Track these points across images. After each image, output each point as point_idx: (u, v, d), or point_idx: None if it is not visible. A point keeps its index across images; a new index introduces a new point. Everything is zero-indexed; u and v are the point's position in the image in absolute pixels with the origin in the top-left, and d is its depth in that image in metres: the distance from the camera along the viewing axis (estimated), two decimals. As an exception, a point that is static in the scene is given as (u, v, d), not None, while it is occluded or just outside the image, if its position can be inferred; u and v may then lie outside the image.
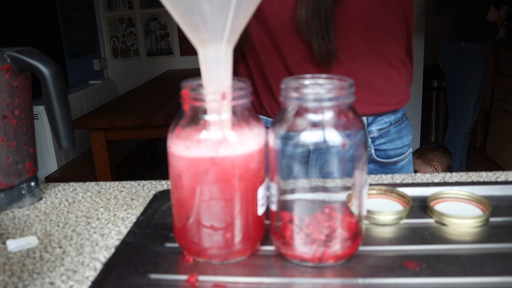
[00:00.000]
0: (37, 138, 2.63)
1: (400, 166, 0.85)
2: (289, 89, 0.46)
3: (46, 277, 0.49)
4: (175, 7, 0.45)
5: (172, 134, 0.49)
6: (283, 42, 0.76)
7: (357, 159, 0.46)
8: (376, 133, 0.81)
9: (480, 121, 3.25)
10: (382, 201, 0.61)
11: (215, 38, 0.46)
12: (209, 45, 0.46)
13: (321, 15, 0.71)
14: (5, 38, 2.48)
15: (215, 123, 0.47)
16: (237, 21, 0.45)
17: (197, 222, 0.49)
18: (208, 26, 0.45)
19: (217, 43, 0.46)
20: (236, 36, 0.47)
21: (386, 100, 0.80)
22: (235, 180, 0.47)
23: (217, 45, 0.46)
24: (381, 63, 0.78)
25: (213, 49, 0.46)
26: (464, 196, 0.60)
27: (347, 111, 0.46)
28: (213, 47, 0.46)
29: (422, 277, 0.45)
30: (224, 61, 0.47)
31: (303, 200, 0.49)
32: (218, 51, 0.46)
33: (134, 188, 0.73)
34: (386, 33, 0.77)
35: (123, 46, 3.64)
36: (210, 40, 0.46)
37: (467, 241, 0.52)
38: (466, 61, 2.57)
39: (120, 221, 0.62)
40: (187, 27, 0.46)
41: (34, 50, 0.65)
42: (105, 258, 0.53)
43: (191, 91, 0.47)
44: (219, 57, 0.46)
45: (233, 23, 0.45)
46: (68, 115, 0.65)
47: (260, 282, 0.46)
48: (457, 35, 2.57)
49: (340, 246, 0.48)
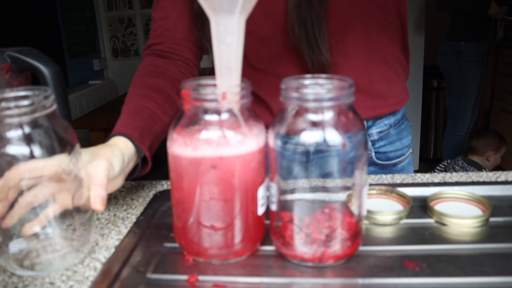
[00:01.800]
0: (37, 138, 2.63)
1: (400, 167, 0.85)
2: (289, 89, 0.46)
3: (46, 277, 0.49)
4: None
5: (172, 134, 0.49)
6: (276, 55, 0.76)
7: (357, 159, 0.46)
8: (376, 136, 0.81)
9: (480, 121, 3.25)
10: (382, 201, 0.61)
11: (228, 6, 0.44)
12: (221, 13, 0.45)
13: (308, 28, 0.69)
14: (5, 38, 2.48)
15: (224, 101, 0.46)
16: None
17: (197, 222, 0.49)
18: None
19: (230, 13, 0.45)
20: (250, 7, 0.46)
21: (385, 103, 0.80)
22: (235, 180, 0.47)
23: (230, 15, 0.45)
24: (378, 65, 0.78)
25: (225, 18, 0.45)
26: (464, 196, 0.60)
27: (347, 111, 0.46)
28: (226, 16, 0.45)
29: (422, 277, 0.45)
30: (236, 32, 0.46)
31: (303, 200, 0.49)
32: (231, 20, 0.45)
33: (134, 188, 0.73)
34: (381, 35, 0.77)
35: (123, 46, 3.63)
36: (222, 8, 0.45)
37: (467, 241, 0.52)
38: (464, 61, 2.58)
39: (120, 221, 0.62)
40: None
41: (34, 50, 0.65)
42: (105, 258, 0.53)
43: (191, 91, 0.47)
44: (232, 27, 0.45)
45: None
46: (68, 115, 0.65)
47: (260, 282, 0.46)
48: (455, 35, 2.58)
49: (340, 246, 0.48)
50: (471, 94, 2.65)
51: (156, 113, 0.69)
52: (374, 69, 0.77)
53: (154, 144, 0.69)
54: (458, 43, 2.57)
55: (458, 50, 2.57)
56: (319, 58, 0.71)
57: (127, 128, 0.64)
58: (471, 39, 2.55)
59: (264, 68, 0.78)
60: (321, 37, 0.70)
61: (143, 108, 0.69)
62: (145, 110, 0.68)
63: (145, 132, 0.66)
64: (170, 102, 0.72)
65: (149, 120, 0.68)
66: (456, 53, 2.58)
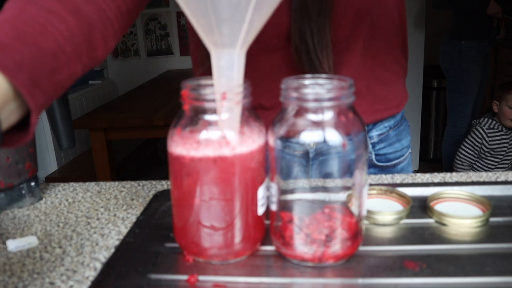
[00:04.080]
0: (37, 138, 2.63)
1: (400, 168, 0.85)
2: (289, 89, 0.46)
3: (46, 277, 0.49)
4: (190, 8, 0.44)
5: (172, 134, 0.49)
6: (279, 64, 0.75)
7: (357, 159, 0.46)
8: (376, 139, 0.81)
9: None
10: (382, 201, 0.61)
11: (230, 41, 0.44)
12: (222, 48, 0.45)
13: (308, 42, 0.67)
14: (5, 38, 2.48)
15: (223, 124, 0.46)
16: (253, 25, 0.44)
17: (197, 222, 0.49)
18: (223, 29, 0.43)
19: (231, 47, 0.45)
20: (251, 40, 0.46)
21: (385, 106, 0.80)
22: (235, 180, 0.47)
23: (231, 49, 0.45)
24: (377, 69, 0.77)
25: (226, 53, 0.45)
26: (464, 196, 0.60)
27: (347, 111, 0.46)
28: (227, 50, 0.45)
29: (422, 277, 0.45)
30: (237, 65, 0.46)
31: (303, 200, 0.49)
32: (232, 55, 0.45)
33: (134, 188, 0.74)
34: (382, 38, 0.76)
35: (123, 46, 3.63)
36: (224, 43, 0.44)
37: (467, 241, 0.52)
38: (464, 60, 2.58)
39: (120, 221, 0.62)
40: (201, 29, 0.44)
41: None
42: (105, 258, 0.53)
43: (191, 91, 0.47)
44: (232, 61, 0.45)
45: (249, 27, 0.44)
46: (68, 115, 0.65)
47: (260, 282, 0.46)
48: (456, 34, 2.58)
49: (340, 246, 0.48)
50: (471, 93, 2.65)
51: (63, 53, 0.44)
52: (373, 73, 0.77)
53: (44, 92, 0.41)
54: (458, 42, 2.57)
55: (458, 49, 2.57)
56: (318, 70, 0.69)
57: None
58: (472, 38, 2.54)
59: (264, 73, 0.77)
60: (324, 52, 0.68)
61: (31, 22, 0.43)
62: (35, 27, 0.43)
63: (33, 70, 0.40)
64: (87, 41, 0.48)
65: (52, 59, 0.43)
66: (457, 52, 2.58)
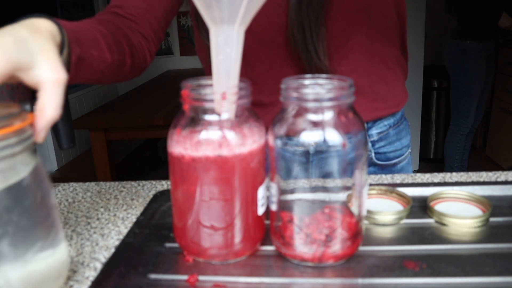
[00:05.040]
0: (37, 138, 2.63)
1: (400, 167, 0.85)
2: (289, 89, 0.46)
3: (46, 277, 0.49)
4: None
5: (172, 134, 0.49)
6: (275, 57, 0.75)
7: (357, 159, 0.46)
8: (376, 137, 0.81)
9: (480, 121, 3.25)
10: (382, 201, 0.61)
11: (229, 17, 0.44)
12: (221, 24, 0.45)
13: (306, 32, 0.68)
14: (5, 38, 2.48)
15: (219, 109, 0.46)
16: (252, 2, 0.44)
17: (197, 222, 0.49)
18: (222, 4, 0.43)
19: (230, 23, 0.44)
20: (250, 18, 0.45)
21: (385, 104, 0.80)
22: (235, 180, 0.47)
23: (230, 25, 0.45)
24: (378, 68, 0.78)
25: (225, 29, 0.45)
26: (464, 196, 0.60)
27: (347, 111, 0.46)
28: (226, 27, 0.45)
29: (422, 277, 0.45)
30: (235, 43, 0.45)
31: (303, 200, 0.49)
32: (230, 31, 0.45)
33: (134, 188, 0.74)
34: (382, 37, 0.76)
35: (123, 46, 3.63)
36: (223, 19, 0.44)
37: (467, 241, 0.52)
38: (468, 60, 2.57)
39: (120, 221, 0.62)
40: (201, 4, 0.44)
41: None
42: (105, 258, 0.53)
43: (191, 91, 0.47)
44: (231, 38, 0.45)
45: (249, 3, 0.43)
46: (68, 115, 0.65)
47: (260, 282, 0.46)
48: (461, 34, 2.57)
49: (340, 246, 0.48)
50: (475, 93, 2.64)
51: (99, 41, 0.60)
52: (374, 71, 0.77)
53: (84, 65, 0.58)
54: (463, 42, 2.56)
55: (463, 48, 2.57)
56: (316, 63, 0.70)
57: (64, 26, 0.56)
58: (476, 38, 2.54)
59: (263, 68, 0.77)
60: (320, 42, 0.69)
61: (86, 30, 0.60)
62: (87, 33, 0.59)
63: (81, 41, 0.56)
64: (117, 45, 0.64)
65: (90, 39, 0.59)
66: (461, 52, 2.58)
